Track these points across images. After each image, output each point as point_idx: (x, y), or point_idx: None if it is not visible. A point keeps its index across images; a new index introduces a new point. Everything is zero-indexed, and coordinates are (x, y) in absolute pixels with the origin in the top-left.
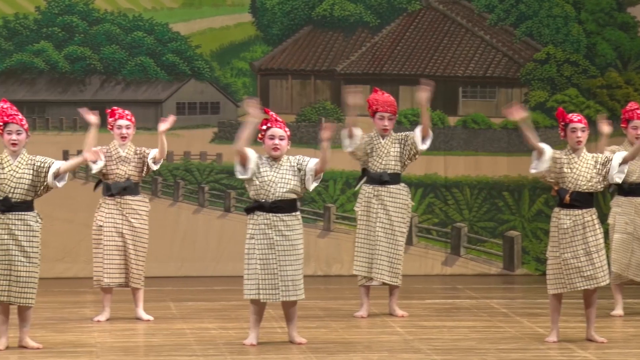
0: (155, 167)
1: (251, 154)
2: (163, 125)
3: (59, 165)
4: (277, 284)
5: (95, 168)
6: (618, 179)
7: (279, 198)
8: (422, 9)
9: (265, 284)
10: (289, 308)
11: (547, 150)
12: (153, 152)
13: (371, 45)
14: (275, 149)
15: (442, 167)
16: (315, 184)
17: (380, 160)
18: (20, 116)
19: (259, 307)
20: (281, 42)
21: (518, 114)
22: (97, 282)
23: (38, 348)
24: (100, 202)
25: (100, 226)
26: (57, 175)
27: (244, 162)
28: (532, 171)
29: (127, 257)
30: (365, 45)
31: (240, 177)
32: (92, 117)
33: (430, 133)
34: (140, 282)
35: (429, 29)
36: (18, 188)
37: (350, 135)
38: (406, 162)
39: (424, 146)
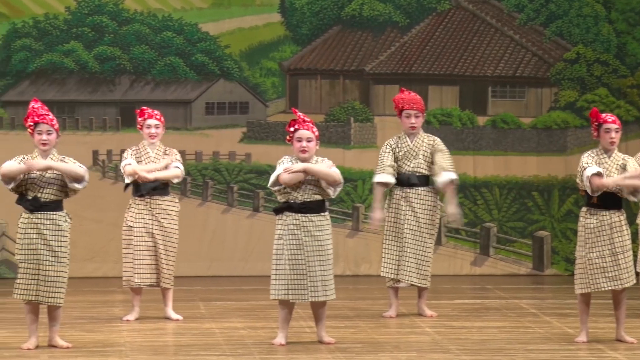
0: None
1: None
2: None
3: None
4: (306, 284)
5: (128, 180)
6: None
7: (308, 199)
8: (451, 9)
9: (294, 284)
10: (318, 308)
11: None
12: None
13: (400, 45)
14: (303, 151)
15: (472, 167)
16: (337, 190)
17: (408, 162)
18: (51, 116)
19: (288, 307)
20: (310, 42)
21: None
22: (127, 283)
23: (67, 347)
24: (130, 203)
25: (130, 226)
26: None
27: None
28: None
29: (158, 257)
30: (395, 45)
31: (274, 188)
32: None
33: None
34: (170, 282)
35: (459, 28)
36: (47, 188)
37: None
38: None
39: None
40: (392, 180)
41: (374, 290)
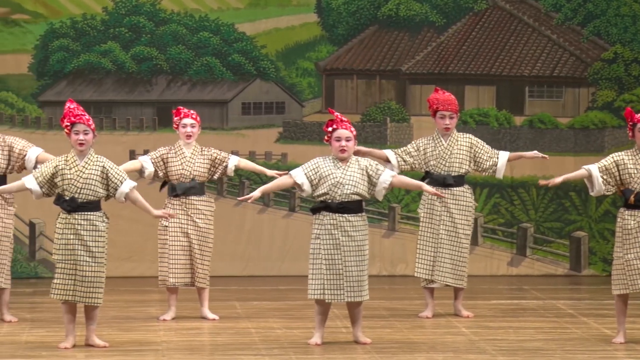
0: (231, 175)
1: (299, 177)
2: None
3: (130, 187)
4: (342, 284)
5: (146, 174)
6: None
7: (346, 199)
8: (488, 8)
9: (331, 284)
10: (354, 308)
11: (592, 169)
12: (235, 160)
13: (437, 44)
14: (342, 150)
15: (509, 167)
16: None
17: (443, 162)
18: (87, 116)
19: (324, 307)
20: (346, 42)
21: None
22: (163, 282)
23: (105, 347)
24: (165, 203)
25: (166, 226)
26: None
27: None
28: (593, 194)
29: (193, 257)
30: (431, 44)
31: (304, 195)
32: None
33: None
34: (205, 282)
35: (495, 28)
36: (84, 189)
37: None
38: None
39: (501, 175)
40: (392, 160)
41: (410, 290)
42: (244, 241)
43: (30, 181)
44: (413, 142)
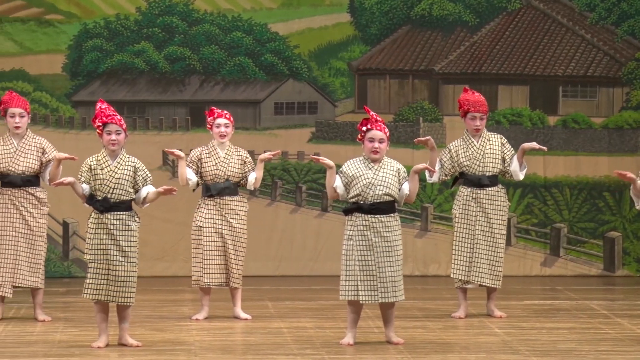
0: (251, 189)
1: (339, 188)
2: (265, 155)
3: (147, 192)
4: (376, 285)
5: (190, 184)
6: None
7: (378, 200)
8: (522, 8)
9: (364, 285)
10: (387, 309)
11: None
12: (252, 177)
13: (470, 44)
14: (375, 152)
15: (542, 167)
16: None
17: (477, 163)
18: (119, 116)
19: (357, 307)
20: (379, 42)
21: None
22: (196, 282)
23: (137, 346)
24: (199, 203)
25: (200, 226)
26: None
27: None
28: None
29: (227, 257)
30: (464, 44)
31: (341, 199)
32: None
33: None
34: (239, 282)
35: (529, 28)
36: (117, 188)
37: (432, 171)
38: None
39: (521, 176)
40: (435, 176)
41: (442, 290)
42: (276, 241)
43: (86, 188)
44: (445, 148)
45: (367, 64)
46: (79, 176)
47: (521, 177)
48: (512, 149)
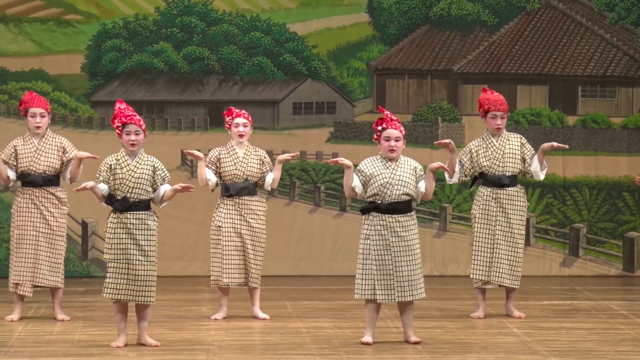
0: (268, 189)
1: (357, 188)
2: (284, 156)
3: (164, 190)
4: (393, 284)
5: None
6: None
7: (396, 200)
8: (541, 8)
9: (381, 284)
10: (404, 308)
11: None
12: (270, 177)
13: (489, 44)
14: (392, 150)
15: (561, 167)
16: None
17: (497, 163)
18: (138, 116)
19: (375, 306)
20: (398, 42)
21: None
22: (215, 282)
23: (156, 345)
24: (218, 202)
25: (219, 226)
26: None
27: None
28: None
29: (246, 257)
30: (483, 44)
31: (359, 198)
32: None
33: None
34: (258, 282)
35: (548, 27)
36: (136, 188)
37: (451, 172)
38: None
39: (542, 176)
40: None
41: (461, 290)
42: (294, 241)
43: (104, 188)
44: (464, 148)
45: (386, 64)
46: (97, 176)
47: (542, 177)
48: (532, 149)
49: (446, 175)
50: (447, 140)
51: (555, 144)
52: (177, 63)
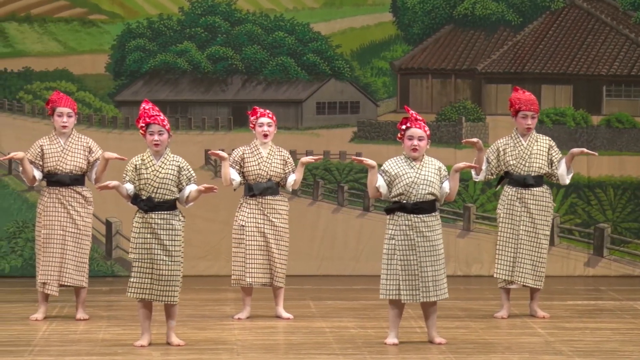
0: (289, 190)
1: (382, 187)
2: (307, 158)
3: (189, 190)
4: (418, 284)
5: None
6: None
7: (421, 199)
8: (565, 7)
9: (406, 284)
10: (429, 308)
11: None
12: (292, 178)
13: (513, 44)
14: (414, 149)
15: (585, 167)
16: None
17: (523, 163)
18: (162, 116)
19: (399, 307)
20: (422, 41)
21: None
22: (237, 282)
23: (180, 345)
24: (241, 202)
25: (242, 226)
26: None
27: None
28: None
29: (270, 256)
30: (507, 44)
31: (383, 198)
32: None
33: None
34: (282, 281)
35: (573, 27)
36: (161, 188)
37: (478, 170)
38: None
39: (567, 180)
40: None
41: (485, 290)
42: (318, 241)
43: (130, 188)
44: (492, 146)
45: (410, 64)
46: (124, 175)
47: (567, 181)
48: (559, 152)
49: (473, 172)
50: (475, 139)
51: (585, 149)
52: (201, 63)
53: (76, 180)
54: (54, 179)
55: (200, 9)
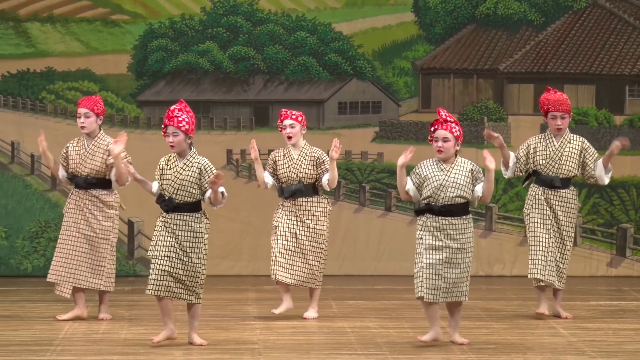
0: (327, 189)
1: (411, 191)
2: (331, 153)
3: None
4: (440, 284)
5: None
6: None
7: (449, 202)
8: (588, 7)
9: (429, 283)
10: (453, 309)
11: None
12: (325, 178)
13: (535, 43)
14: (439, 151)
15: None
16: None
17: (553, 164)
18: (181, 117)
19: (431, 305)
20: (444, 41)
21: None
22: (274, 277)
23: (202, 345)
24: (279, 203)
25: (276, 226)
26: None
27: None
28: None
29: (304, 258)
30: (530, 43)
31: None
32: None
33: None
34: (314, 282)
35: (595, 26)
36: (181, 190)
37: (507, 166)
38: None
39: (606, 180)
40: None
41: (507, 291)
42: (339, 240)
43: (155, 186)
44: (523, 143)
45: (432, 64)
46: (156, 174)
47: (606, 181)
48: (595, 152)
49: (502, 168)
50: (496, 134)
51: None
52: (223, 63)
53: (92, 184)
54: (74, 182)
55: (222, 9)
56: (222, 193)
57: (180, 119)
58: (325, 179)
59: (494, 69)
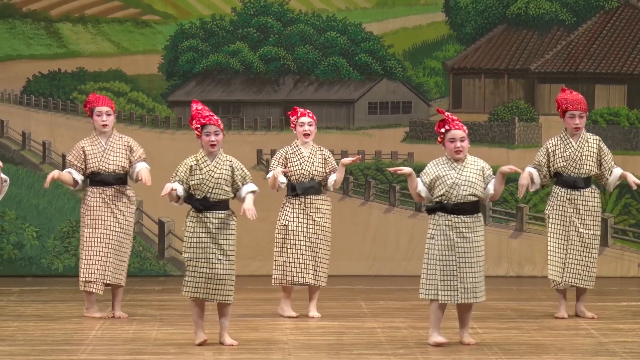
0: (331, 190)
1: (422, 192)
2: (347, 159)
3: (247, 191)
4: (456, 285)
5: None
6: None
7: (461, 200)
8: (619, 7)
9: (444, 285)
10: (464, 310)
11: None
12: (332, 178)
13: (566, 43)
14: (458, 151)
15: (639, 167)
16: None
17: (573, 165)
18: (216, 117)
19: (440, 306)
20: (474, 41)
21: None
22: (278, 281)
23: (232, 345)
24: (284, 202)
25: (285, 225)
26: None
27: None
28: None
29: (315, 255)
30: (561, 43)
31: (425, 202)
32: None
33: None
34: (324, 280)
35: (627, 26)
36: (216, 188)
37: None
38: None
39: (612, 190)
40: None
41: (537, 291)
42: (369, 241)
43: (179, 188)
44: (541, 149)
45: (462, 64)
46: (174, 175)
47: (610, 190)
48: (609, 152)
49: (524, 189)
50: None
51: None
52: (253, 63)
53: (119, 179)
54: (97, 179)
55: (252, 10)
56: (254, 191)
57: (216, 117)
58: (332, 179)
59: (525, 69)
